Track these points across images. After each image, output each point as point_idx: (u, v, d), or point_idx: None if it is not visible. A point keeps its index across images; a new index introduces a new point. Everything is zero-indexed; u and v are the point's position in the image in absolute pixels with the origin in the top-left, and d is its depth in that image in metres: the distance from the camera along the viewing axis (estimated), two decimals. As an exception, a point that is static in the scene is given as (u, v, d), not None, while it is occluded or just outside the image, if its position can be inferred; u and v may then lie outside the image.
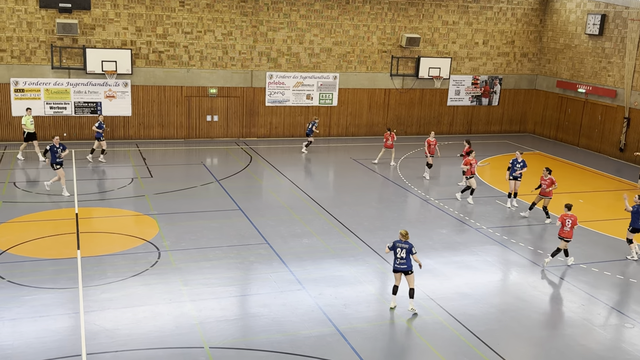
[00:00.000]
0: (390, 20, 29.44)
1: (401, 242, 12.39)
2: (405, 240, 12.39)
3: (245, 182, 21.71)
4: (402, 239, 12.40)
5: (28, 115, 22.70)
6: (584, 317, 12.86)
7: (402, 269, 12.46)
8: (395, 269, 12.55)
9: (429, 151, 22.97)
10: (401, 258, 12.38)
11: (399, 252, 12.39)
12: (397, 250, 12.41)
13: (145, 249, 15.17)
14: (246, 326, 11.83)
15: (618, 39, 27.94)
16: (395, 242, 12.50)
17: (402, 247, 12.37)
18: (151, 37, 26.31)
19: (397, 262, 12.46)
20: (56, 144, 18.80)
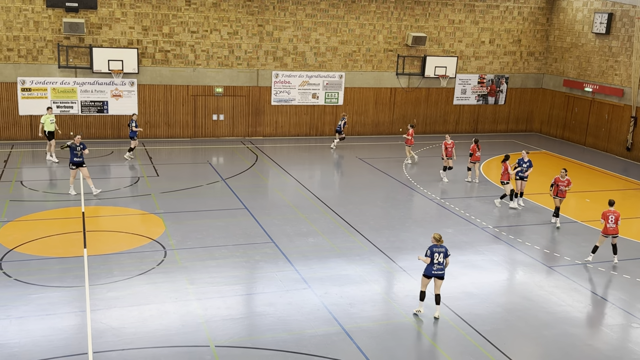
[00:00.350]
0: (397, 19, 29.39)
1: (437, 247, 12.03)
2: (441, 244, 12.08)
3: (251, 181, 21.74)
4: (437, 243, 12.05)
5: (48, 114, 22.69)
6: (590, 317, 12.81)
7: (439, 274, 12.12)
8: (431, 275, 12.12)
9: (446, 154, 22.49)
10: (439, 263, 12.05)
11: (436, 257, 12.02)
12: (434, 255, 12.01)
13: (151, 248, 15.21)
14: (252, 325, 11.84)
15: (625, 38, 27.80)
16: (431, 247, 12.07)
17: (439, 252, 12.03)
18: (157, 36, 26.37)
19: (435, 268, 12.05)
20: (77, 142, 18.59)
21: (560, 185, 17.94)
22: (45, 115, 22.74)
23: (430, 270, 12.12)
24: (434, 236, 12.16)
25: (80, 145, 18.64)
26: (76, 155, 18.56)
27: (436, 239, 12.09)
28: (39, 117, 24.00)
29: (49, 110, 22.97)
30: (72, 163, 18.60)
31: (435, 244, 12.09)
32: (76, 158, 18.60)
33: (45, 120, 22.65)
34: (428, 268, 12.16)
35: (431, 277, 12.17)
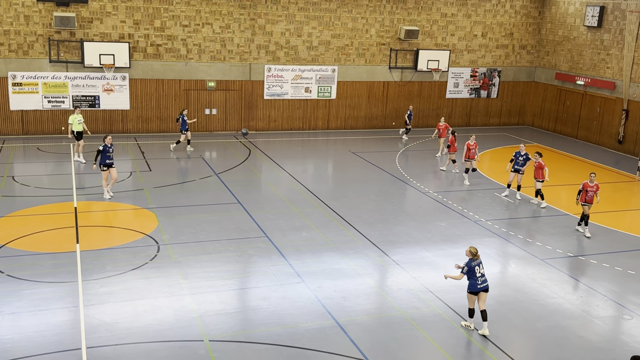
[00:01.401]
0: (389, 12, 29.36)
1: (474, 261, 11.50)
2: (477, 258, 11.55)
3: (244, 175, 21.71)
4: (474, 257, 11.52)
5: (76, 114, 22.24)
6: (582, 309, 12.90)
7: (485, 287, 11.55)
8: (477, 290, 11.53)
9: (469, 155, 21.57)
10: (482, 275, 11.51)
11: (477, 271, 11.47)
12: (475, 269, 11.46)
13: (144, 243, 15.18)
14: (246, 319, 11.85)
15: (617, 31, 27.89)
16: (469, 262, 11.50)
17: (478, 264, 11.52)
18: (149, 30, 26.23)
19: (480, 282, 11.50)
20: (108, 143, 18.00)
21: (589, 191, 16.85)
22: (73, 115, 22.21)
23: (476, 285, 11.50)
24: (470, 250, 11.56)
25: (112, 146, 18.13)
26: (108, 156, 17.98)
27: (473, 254, 11.51)
28: (30, 112, 23.86)
29: (76, 110, 22.57)
30: (104, 165, 17.97)
31: (472, 258, 11.52)
32: (109, 159, 17.97)
33: (73, 120, 22.09)
34: (473, 284, 11.51)
35: (478, 293, 11.59)
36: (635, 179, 23.53)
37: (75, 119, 22.14)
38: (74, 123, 22.10)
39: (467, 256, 11.64)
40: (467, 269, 11.51)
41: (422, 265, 14.60)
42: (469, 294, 11.67)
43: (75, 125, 22.12)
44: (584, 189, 16.91)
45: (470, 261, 11.53)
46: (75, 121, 22.12)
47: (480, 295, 11.61)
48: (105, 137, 18.24)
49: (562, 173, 23.87)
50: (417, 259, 14.96)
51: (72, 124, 22.12)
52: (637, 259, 15.63)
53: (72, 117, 22.24)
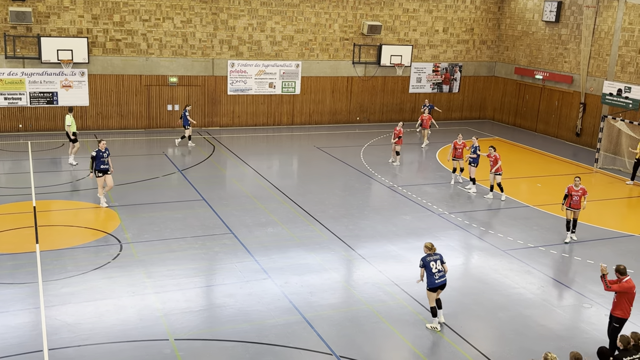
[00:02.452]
0: (352, 7, 29.42)
1: (431, 256, 11.49)
2: (434, 252, 11.57)
3: (209, 172, 21.52)
4: (430, 252, 11.51)
5: (71, 115, 21.20)
6: (543, 298, 13.19)
7: (443, 282, 11.48)
8: (437, 285, 11.45)
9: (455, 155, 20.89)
10: (439, 271, 11.44)
11: (434, 267, 11.41)
12: (431, 265, 11.42)
13: (106, 242, 14.92)
14: (212, 317, 11.77)
15: (574, 26, 28.54)
16: (424, 258, 11.49)
17: (435, 260, 11.47)
18: (108, 24, 25.73)
19: (437, 277, 11.41)
20: (102, 148, 17.12)
21: (574, 195, 16.10)
22: (70, 117, 21.11)
23: (434, 281, 11.43)
24: (426, 245, 11.58)
25: (107, 151, 17.24)
26: (103, 162, 17.14)
27: (429, 248, 11.51)
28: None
29: (71, 112, 21.46)
30: (99, 170, 17.09)
31: (428, 253, 11.51)
32: (103, 165, 17.11)
33: (72, 122, 21.09)
34: (431, 280, 11.42)
35: (437, 289, 11.53)
36: (592, 170, 24.16)
37: (73, 121, 21.13)
38: (72, 125, 21.06)
39: (424, 252, 11.68)
40: (423, 263, 11.50)
41: (387, 259, 14.72)
42: (428, 292, 11.61)
43: (74, 126, 21.14)
44: (569, 193, 16.15)
45: (426, 256, 11.52)
46: (72, 123, 21.10)
47: (438, 291, 11.63)
48: (99, 141, 17.31)
49: (521, 165, 24.36)
50: (383, 253, 15.08)
51: (70, 125, 21.05)
52: (595, 248, 16.06)
53: (69, 118, 21.09)
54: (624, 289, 10.65)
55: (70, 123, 21.11)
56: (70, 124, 21.11)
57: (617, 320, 10.76)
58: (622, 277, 10.73)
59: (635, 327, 11.65)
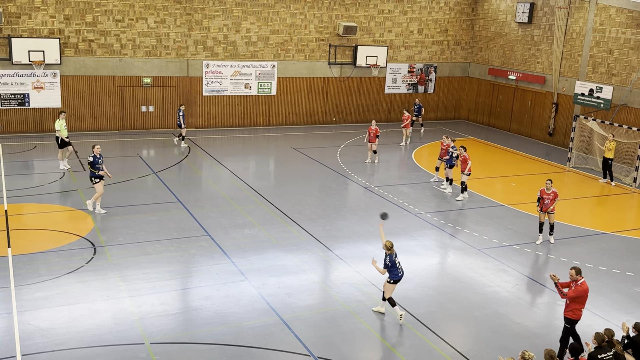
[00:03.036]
0: (327, 8, 29.46)
1: (393, 255, 11.90)
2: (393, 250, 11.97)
3: (184, 173, 21.35)
4: (389, 252, 11.85)
5: (62, 119, 20.57)
6: (518, 297, 13.35)
7: (403, 274, 12.07)
8: (399, 278, 11.99)
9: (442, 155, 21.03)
10: (399, 263, 12.01)
11: (398, 263, 11.96)
12: (395, 261, 11.88)
13: (80, 245, 14.71)
14: (188, 320, 11.67)
15: (546, 27, 28.95)
16: (390, 256, 11.84)
17: (396, 255, 11.97)
18: (80, 25, 25.38)
19: (400, 272, 11.98)
20: (97, 153, 16.68)
21: (545, 198, 16.15)
22: (60, 121, 20.50)
23: (397, 274, 11.91)
24: (386, 245, 11.88)
25: (101, 157, 16.78)
26: (99, 168, 16.67)
27: (388, 248, 11.85)
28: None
29: (62, 115, 20.77)
30: (95, 177, 16.68)
31: (391, 253, 11.86)
32: (100, 170, 16.72)
33: (61, 126, 20.46)
34: (395, 274, 11.90)
35: (397, 282, 12.02)
36: (565, 169, 24.53)
37: (62, 125, 20.50)
38: (61, 129, 20.47)
39: (385, 251, 11.85)
40: (391, 264, 11.79)
41: (364, 259, 14.76)
42: (390, 284, 11.96)
43: (63, 131, 20.50)
44: (541, 196, 16.21)
45: (391, 256, 11.81)
46: (62, 127, 20.50)
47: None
48: (93, 146, 16.85)
49: (496, 165, 24.63)
50: (360, 253, 15.12)
51: (60, 129, 20.45)
52: (569, 246, 16.31)
53: (59, 122, 20.51)
54: (579, 294, 10.57)
55: (60, 127, 20.45)
56: (59, 129, 20.45)
57: (568, 322, 10.73)
58: (578, 278, 10.62)
59: (609, 324, 11.86)
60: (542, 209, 16.18)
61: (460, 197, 19.62)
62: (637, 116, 24.71)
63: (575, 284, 10.66)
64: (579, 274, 10.68)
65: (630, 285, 14.07)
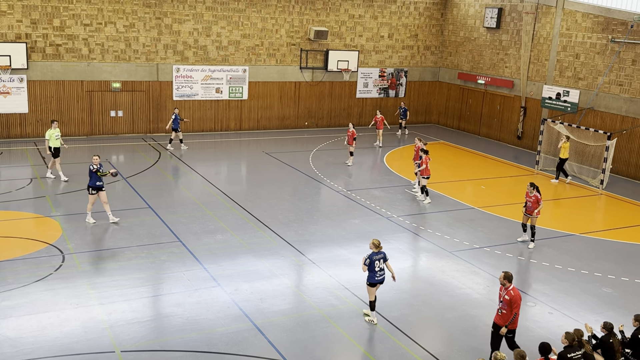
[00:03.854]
0: (298, 13, 29.50)
1: (377, 254, 11.77)
2: (380, 250, 11.86)
3: (155, 179, 21.11)
4: (376, 250, 11.79)
5: (53, 129, 19.94)
6: (489, 298, 13.49)
7: (382, 279, 11.89)
8: (377, 282, 11.84)
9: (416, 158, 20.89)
10: (381, 269, 11.81)
11: (377, 265, 11.75)
12: (375, 263, 11.73)
13: (48, 253, 14.42)
14: (159, 327, 11.52)
15: (514, 32, 29.43)
16: (371, 255, 11.74)
17: (379, 259, 11.78)
18: (48, 29, 24.96)
19: (378, 275, 11.79)
20: (96, 163, 16.03)
21: (527, 200, 16.39)
22: (50, 130, 19.89)
23: (374, 277, 11.80)
24: (373, 242, 11.83)
25: (101, 167, 16.17)
26: (98, 178, 16.05)
27: (376, 245, 11.78)
28: None
29: (53, 124, 20.12)
30: (93, 187, 16.06)
31: (375, 251, 11.78)
32: (98, 182, 16.06)
33: (50, 135, 19.81)
34: (371, 276, 11.79)
35: (376, 285, 11.90)
36: (534, 172, 24.92)
37: (52, 134, 19.90)
38: (51, 138, 19.86)
39: (370, 249, 11.91)
40: (369, 261, 11.77)
41: (337, 263, 14.77)
42: (369, 287, 11.95)
43: (53, 140, 19.89)
44: (526, 199, 16.47)
45: (373, 254, 11.79)
46: (52, 136, 19.88)
47: (377, 286, 11.97)
48: (93, 157, 16.19)
49: (466, 168, 24.91)
50: (333, 257, 15.13)
51: (49, 139, 19.88)
52: (538, 248, 16.55)
53: (49, 132, 19.94)
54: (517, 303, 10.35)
55: (49, 137, 19.88)
56: (48, 138, 19.89)
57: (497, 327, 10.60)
58: (509, 285, 10.41)
59: (579, 325, 12.05)
60: (526, 210, 16.44)
61: (428, 200, 19.68)
62: (603, 119, 25.26)
63: (507, 289, 10.42)
64: (507, 280, 10.47)
65: (598, 285, 14.35)
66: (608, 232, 18.15)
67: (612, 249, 16.81)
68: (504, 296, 10.48)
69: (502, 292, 10.59)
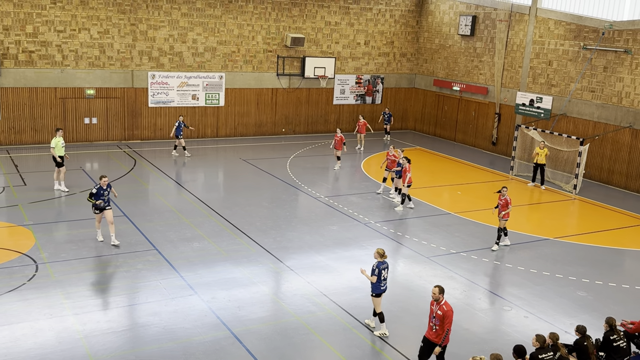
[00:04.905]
0: (275, 20, 29.51)
1: (382, 263, 11.54)
2: (384, 259, 11.61)
3: (130, 186, 20.87)
4: (381, 259, 11.54)
5: (58, 137, 19.49)
6: (466, 303, 13.58)
7: (385, 289, 11.68)
8: (381, 292, 11.62)
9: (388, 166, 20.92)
10: (385, 279, 11.60)
11: (383, 274, 11.52)
12: (381, 272, 11.50)
13: (20, 262, 14.15)
14: (135, 337, 11.36)
15: (488, 39, 29.81)
16: (378, 265, 11.49)
17: (384, 268, 11.58)
18: (20, 36, 24.60)
19: (383, 285, 11.56)
20: (103, 185, 15.25)
21: (499, 204, 16.61)
22: (56, 139, 19.43)
23: (380, 288, 11.58)
24: (378, 252, 11.57)
25: (108, 188, 15.44)
26: (104, 199, 15.29)
27: (380, 255, 11.53)
28: None
29: (58, 133, 19.66)
30: (96, 207, 15.36)
31: (380, 260, 11.54)
32: (105, 202, 15.36)
33: (56, 144, 19.32)
34: (377, 287, 11.56)
35: (381, 295, 11.67)
36: (508, 177, 25.21)
37: (58, 143, 19.39)
38: (57, 147, 19.32)
39: (375, 258, 11.70)
40: (378, 270, 11.53)
41: (315, 270, 14.75)
42: (375, 298, 11.71)
43: (59, 149, 19.37)
44: (498, 201, 16.64)
45: (380, 264, 11.58)
46: (58, 145, 19.37)
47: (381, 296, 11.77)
48: (100, 177, 15.44)
49: (442, 174, 25.10)
50: (311, 264, 15.10)
51: (54, 147, 19.33)
52: (513, 253, 16.73)
53: (54, 140, 19.42)
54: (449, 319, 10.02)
55: (54, 145, 19.40)
56: (54, 146, 19.39)
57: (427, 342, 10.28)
58: (442, 299, 10.04)
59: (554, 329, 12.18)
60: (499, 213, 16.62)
61: (400, 207, 19.70)
62: (576, 125, 25.68)
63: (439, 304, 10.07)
64: (441, 294, 10.09)
65: (573, 289, 14.54)
66: (582, 237, 18.42)
67: (585, 253, 17.06)
68: (437, 311, 10.05)
69: (434, 307, 10.14)
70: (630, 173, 23.85)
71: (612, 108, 24.26)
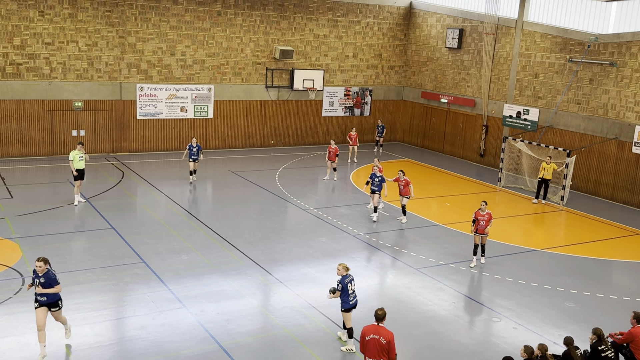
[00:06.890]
0: (263, 32, 29.62)
1: (347, 277, 11.50)
2: (348, 272, 11.59)
3: (118, 199, 20.77)
4: (346, 272, 11.49)
5: (77, 150, 19.45)
6: (455, 314, 13.60)
7: (356, 302, 11.63)
8: (351, 307, 11.57)
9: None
10: (353, 292, 11.57)
11: (350, 287, 11.49)
12: (348, 286, 11.46)
13: (7, 276, 14.01)
14: (123, 351, 11.26)
15: (475, 52, 30.08)
16: (342, 279, 11.44)
17: (350, 281, 11.55)
18: (8, 48, 24.51)
19: (352, 299, 11.53)
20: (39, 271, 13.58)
21: (480, 219, 16.00)
22: (74, 152, 19.42)
23: (349, 301, 11.52)
24: (343, 266, 11.53)
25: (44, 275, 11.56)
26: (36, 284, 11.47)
27: (346, 269, 11.51)
28: None
29: (78, 146, 19.68)
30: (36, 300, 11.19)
31: (344, 274, 11.49)
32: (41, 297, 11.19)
33: (74, 157, 19.32)
34: (346, 301, 11.49)
35: (351, 310, 11.62)
36: (496, 189, 25.36)
37: (76, 156, 19.33)
38: (75, 160, 19.28)
39: (339, 274, 11.59)
40: (342, 286, 11.48)
41: (304, 282, 14.72)
42: (345, 313, 11.65)
43: (77, 162, 19.31)
44: (475, 218, 16.03)
45: (344, 278, 11.53)
46: (76, 157, 19.31)
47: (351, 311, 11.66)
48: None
49: (430, 186, 25.20)
50: (300, 276, 15.07)
51: (72, 160, 19.30)
52: (501, 264, 16.79)
53: (72, 153, 19.39)
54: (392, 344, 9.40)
55: (72, 158, 19.35)
56: (72, 159, 19.35)
57: None
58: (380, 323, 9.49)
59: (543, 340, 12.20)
60: (478, 230, 16.09)
61: (404, 219, 19.67)
62: (562, 137, 25.91)
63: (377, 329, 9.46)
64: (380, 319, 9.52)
65: (561, 300, 14.60)
66: (569, 248, 18.54)
67: (573, 264, 17.17)
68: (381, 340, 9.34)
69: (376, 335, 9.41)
70: (617, 184, 24.07)
71: (598, 120, 24.53)
